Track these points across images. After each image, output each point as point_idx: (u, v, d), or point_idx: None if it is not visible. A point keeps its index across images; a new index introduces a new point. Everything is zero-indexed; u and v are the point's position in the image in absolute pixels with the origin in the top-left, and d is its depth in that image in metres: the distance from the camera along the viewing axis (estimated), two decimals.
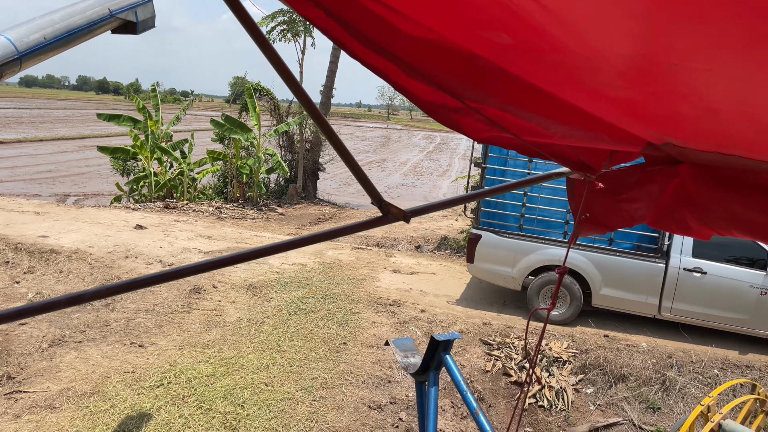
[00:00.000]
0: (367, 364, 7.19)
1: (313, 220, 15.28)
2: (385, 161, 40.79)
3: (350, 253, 11.45)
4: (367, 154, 45.24)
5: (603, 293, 8.26)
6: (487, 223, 8.73)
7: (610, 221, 1.97)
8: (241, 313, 8.35)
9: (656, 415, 6.71)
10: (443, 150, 54.46)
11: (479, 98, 1.47)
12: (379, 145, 56.66)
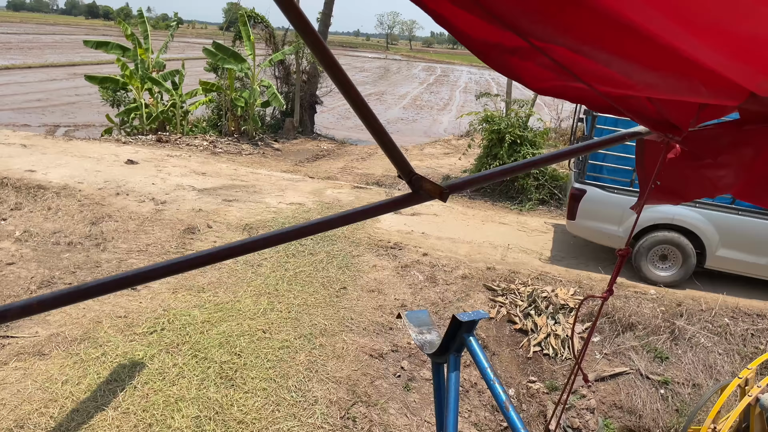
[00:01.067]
0: (367, 310, 6.98)
1: (311, 156, 14.82)
2: (384, 94, 39.77)
3: (350, 193, 11.09)
4: (366, 86, 44.07)
5: (720, 255, 7.60)
6: (593, 177, 8.02)
7: (686, 191, 1.60)
8: None
9: (664, 364, 6.56)
10: (444, 83, 53.17)
11: (548, 35, 1.08)
12: (377, 76, 55.23)
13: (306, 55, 16.59)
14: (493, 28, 1.11)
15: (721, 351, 6.66)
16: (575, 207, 7.97)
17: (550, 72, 1.21)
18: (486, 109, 11.39)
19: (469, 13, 1.08)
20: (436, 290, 7.53)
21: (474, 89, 48.62)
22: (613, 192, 7.88)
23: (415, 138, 23.07)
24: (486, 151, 11.24)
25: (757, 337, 6.81)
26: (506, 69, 1.21)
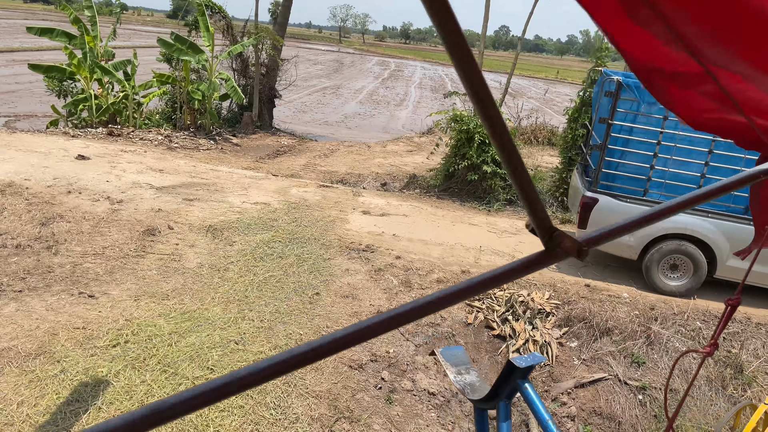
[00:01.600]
0: (343, 317, 6.72)
1: (272, 152, 14.39)
2: (339, 88, 39.34)
3: (316, 192, 10.77)
4: (321, 79, 43.53)
5: (730, 264, 7.54)
6: (606, 186, 7.81)
7: None
8: (201, 258, 7.67)
9: (641, 369, 6.57)
10: (398, 78, 53.08)
11: (727, 59, 0.90)
12: (332, 69, 54.66)
13: (266, 48, 16.08)
14: (659, 50, 0.91)
15: (695, 355, 6.73)
16: (587, 216, 7.75)
17: (711, 102, 1.03)
18: (454, 109, 11.26)
19: (642, 31, 0.87)
20: (411, 295, 7.34)
21: (428, 85, 48.70)
22: (627, 201, 7.73)
23: (373, 134, 22.85)
24: (454, 150, 11.11)
25: (729, 340, 6.91)
26: (663, 97, 1.02)
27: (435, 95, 40.28)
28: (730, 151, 7.27)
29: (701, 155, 7.46)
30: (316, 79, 42.55)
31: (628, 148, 7.78)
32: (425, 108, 32.71)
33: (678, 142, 7.48)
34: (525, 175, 0.92)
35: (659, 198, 7.65)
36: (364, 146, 16.11)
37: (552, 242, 1.02)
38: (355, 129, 24.33)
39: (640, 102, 7.56)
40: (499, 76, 55.60)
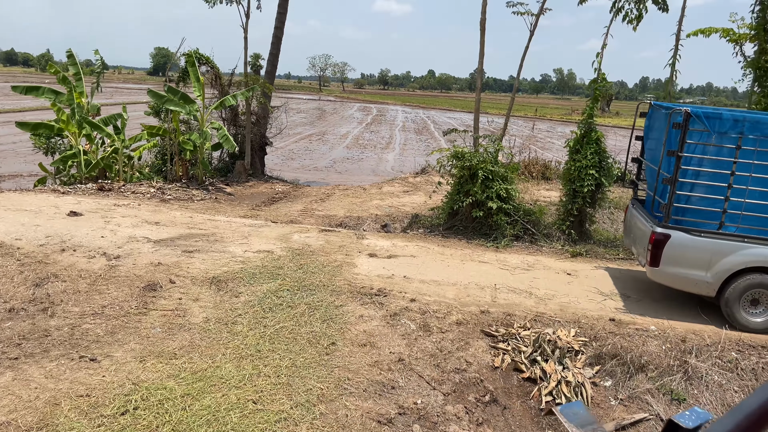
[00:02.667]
0: (363, 368, 6.32)
1: (267, 199, 14.10)
2: (325, 134, 39.50)
3: (318, 236, 10.45)
4: (305, 127, 43.76)
5: None
6: (677, 220, 7.47)
7: None
8: (207, 312, 7.26)
9: (682, 406, 6.21)
10: (381, 122, 53.56)
11: None
12: (315, 117, 55.12)
13: (256, 96, 15.98)
14: None
15: (736, 388, 6.40)
16: (659, 253, 7.43)
17: None
18: (455, 146, 11.11)
19: None
20: (431, 340, 6.97)
21: (412, 128, 49.16)
22: (700, 236, 7.41)
23: (363, 177, 22.72)
24: (457, 187, 10.91)
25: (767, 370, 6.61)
26: None
27: (420, 137, 40.57)
28: None
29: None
30: (300, 127, 42.74)
31: (699, 180, 7.42)
32: (412, 150, 32.84)
33: (754, 171, 7.18)
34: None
35: (736, 231, 7.32)
36: (359, 189, 15.90)
37: None
38: (345, 173, 24.21)
39: (710, 132, 7.23)
40: (482, 116, 56.29)
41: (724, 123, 7.16)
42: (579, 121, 11.20)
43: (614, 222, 13.15)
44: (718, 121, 7.16)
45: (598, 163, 10.75)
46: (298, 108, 63.93)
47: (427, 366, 6.50)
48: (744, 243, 7.25)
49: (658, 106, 8.56)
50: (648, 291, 8.73)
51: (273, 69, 17.52)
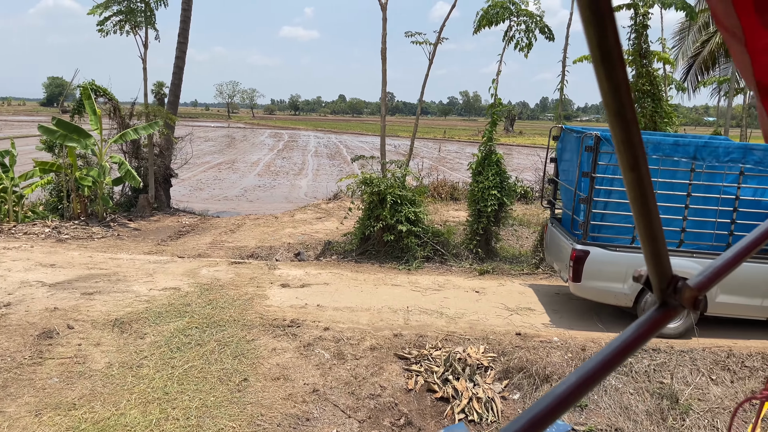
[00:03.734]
0: (277, 402, 6.24)
1: (174, 233, 13.64)
2: (235, 162, 38.77)
3: (228, 269, 10.23)
4: (214, 155, 42.77)
5: (719, 301, 7.79)
6: (594, 237, 7.91)
7: None
8: (110, 356, 6.92)
9: (585, 413, 6.55)
10: (294, 148, 53.30)
11: None
12: (225, 145, 54.03)
13: (159, 127, 15.53)
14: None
15: (632, 391, 6.83)
16: (580, 269, 7.80)
17: None
18: (363, 172, 11.28)
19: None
20: (346, 367, 6.98)
21: (324, 153, 49.26)
22: (616, 250, 7.86)
23: (276, 204, 22.48)
24: (367, 213, 11.06)
25: (659, 372, 7.10)
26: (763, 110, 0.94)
27: (333, 162, 40.72)
28: (708, 192, 7.75)
29: (680, 199, 7.77)
30: (209, 156, 41.75)
31: (612, 198, 7.94)
32: (325, 175, 32.88)
33: (659, 188, 7.74)
34: (658, 219, 0.77)
35: None
36: (271, 217, 15.73)
37: (676, 295, 0.86)
38: (256, 201, 23.85)
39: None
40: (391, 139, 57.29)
41: None
42: (480, 143, 11.70)
43: (519, 238, 13.74)
44: None
45: (500, 183, 11.24)
46: (206, 136, 62.52)
47: (342, 394, 6.50)
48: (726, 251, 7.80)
49: (570, 130, 9.15)
50: (550, 304, 9.17)
51: (176, 99, 17.11)
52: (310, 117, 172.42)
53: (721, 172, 7.70)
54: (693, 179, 7.70)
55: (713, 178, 7.74)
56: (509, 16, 11.40)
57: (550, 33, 11.78)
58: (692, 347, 7.58)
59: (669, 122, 12.28)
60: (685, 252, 7.81)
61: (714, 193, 7.77)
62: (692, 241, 7.85)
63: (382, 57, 11.87)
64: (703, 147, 7.74)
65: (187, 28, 16.92)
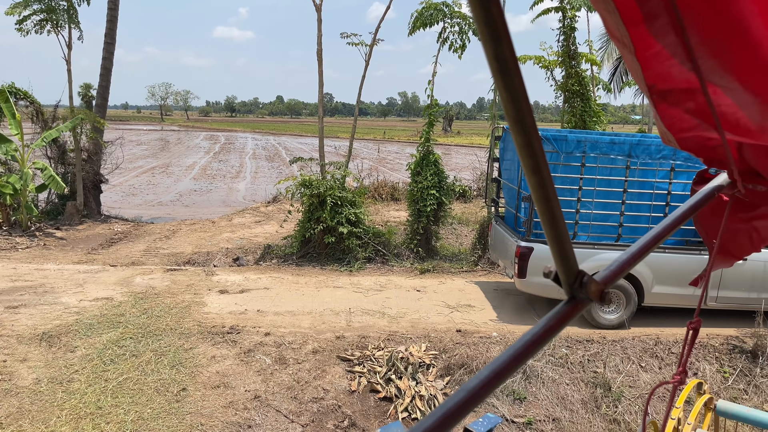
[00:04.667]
0: (218, 411, 6.10)
1: (105, 241, 13.12)
2: (169, 166, 37.66)
3: (163, 277, 9.93)
4: (147, 159, 41.43)
5: (655, 291, 8.12)
6: (537, 234, 8.06)
7: (738, 247, 1.46)
8: (38, 372, 6.59)
9: (524, 405, 6.73)
10: (231, 150, 52.28)
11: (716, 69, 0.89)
12: (158, 148, 52.40)
13: (86, 131, 14.89)
14: (664, 63, 0.87)
15: (567, 381, 7.06)
16: (524, 265, 7.97)
17: (693, 120, 1.00)
18: (302, 174, 11.19)
19: (656, 43, 0.83)
20: (288, 372, 6.91)
21: (263, 155, 48.55)
22: None
23: (214, 209, 21.99)
24: (307, 215, 10.97)
25: (593, 361, 7.38)
26: (655, 112, 0.98)
27: (272, 164, 40.20)
28: (642, 188, 8.09)
29: (617, 195, 8.08)
30: (142, 160, 40.41)
31: None
32: (264, 177, 32.42)
33: (597, 185, 8.05)
34: (562, 219, 0.81)
35: (587, 239, 8.16)
36: (208, 222, 15.37)
37: (582, 289, 0.91)
38: (192, 206, 23.24)
39: (558, 152, 8.01)
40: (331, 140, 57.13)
41: (569, 144, 8.04)
42: (418, 144, 11.82)
43: (458, 237, 13.97)
44: (564, 142, 8.03)
45: (438, 183, 11.40)
46: (138, 140, 60.50)
47: (285, 399, 6.42)
48: (595, 250, 8.13)
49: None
50: (490, 300, 9.37)
51: (104, 101, 16.45)
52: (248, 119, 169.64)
53: (653, 169, 8.08)
54: (628, 176, 8.06)
55: (646, 174, 8.12)
56: (443, 17, 11.57)
57: None
58: (623, 337, 7.92)
59: (598, 121, 12.77)
60: (622, 246, 8.16)
61: (647, 189, 8.15)
62: (629, 235, 8.20)
63: (318, 58, 11.81)
64: (636, 145, 8.11)
65: (114, 28, 16.31)
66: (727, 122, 1.01)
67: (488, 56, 0.50)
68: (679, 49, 0.82)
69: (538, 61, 14.03)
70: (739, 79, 0.90)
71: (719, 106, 0.97)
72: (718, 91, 0.93)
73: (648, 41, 0.82)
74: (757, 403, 7.12)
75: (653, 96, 0.95)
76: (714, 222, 1.41)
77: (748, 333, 8.02)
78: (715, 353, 7.72)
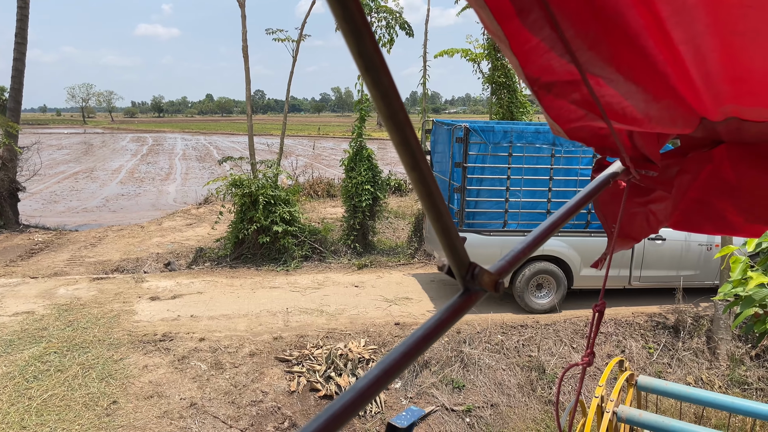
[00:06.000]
0: (151, 422, 5.90)
1: (24, 252, 12.42)
2: (93, 170, 36.06)
3: (89, 287, 9.50)
4: (69, 164, 39.53)
5: (582, 274, 8.37)
6: (469, 224, 8.21)
7: (636, 230, 1.52)
8: None
9: (462, 393, 6.85)
10: (159, 152, 50.60)
11: (594, 61, 0.91)
12: (81, 152, 50.07)
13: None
14: (543, 56, 0.88)
15: (504, 367, 7.24)
16: None
17: (579, 111, 1.02)
18: (232, 174, 10.93)
19: (532, 37, 0.83)
20: (225, 377, 6.75)
21: (193, 155, 47.23)
22: (490, 235, 8.26)
23: (143, 213, 21.24)
24: (240, 215, 10.74)
25: (527, 346, 7.59)
26: (541, 105, 0.99)
27: (203, 164, 39.17)
28: (567, 175, 8.33)
29: (544, 182, 8.27)
30: (63, 165, 38.53)
31: (483, 186, 8.31)
32: (195, 179, 31.56)
33: (524, 174, 8.22)
34: (447, 212, 0.80)
35: (517, 227, 8.35)
36: (136, 227, 14.81)
37: (474, 281, 0.91)
38: (120, 211, 22.36)
39: (486, 143, 8.13)
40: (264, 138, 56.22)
41: (497, 135, 8.20)
42: (351, 140, 11.79)
43: (395, 230, 14.04)
44: (491, 133, 8.18)
45: (372, 178, 11.41)
46: (59, 144, 57.65)
47: (222, 404, 6.28)
48: (525, 237, 8.25)
49: (440, 123, 9.48)
50: (427, 291, 9.47)
51: (17, 105, 15.53)
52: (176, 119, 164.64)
53: (577, 156, 8.36)
54: (554, 164, 8.31)
55: (571, 162, 8.40)
56: (369, 12, 11.56)
57: (409, 29, 12.11)
58: (555, 320, 8.19)
59: (524, 111, 13.12)
60: None
61: (572, 176, 8.42)
62: None
63: (243, 55, 11.56)
64: None
65: (25, 27, 15.43)
66: (613, 112, 1.03)
67: (353, 54, 0.48)
68: (556, 42, 0.82)
69: (465, 54, 14.28)
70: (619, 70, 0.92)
71: (603, 96, 0.99)
72: (601, 82, 0.95)
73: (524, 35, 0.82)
74: (681, 376, 7.52)
75: (536, 89, 0.96)
76: (613, 208, 1.45)
77: (669, 309, 8.45)
78: (641, 330, 8.10)
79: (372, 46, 0.48)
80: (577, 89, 0.96)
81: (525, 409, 6.81)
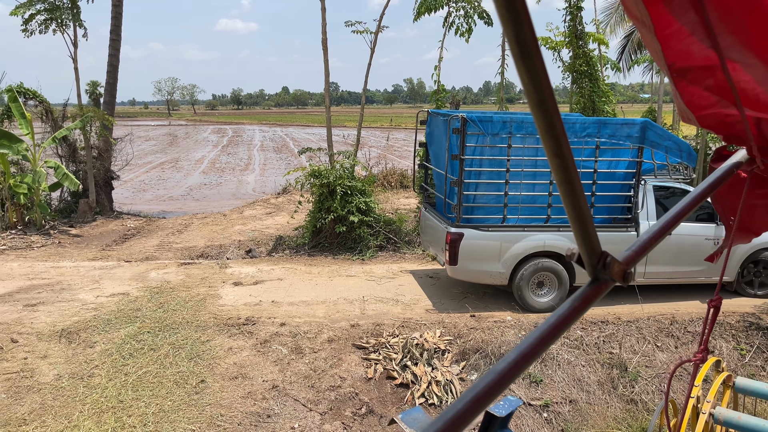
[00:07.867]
0: (236, 401, 6.18)
1: (119, 237, 13.23)
2: (178, 161, 37.83)
3: (177, 271, 10.01)
4: (156, 155, 41.62)
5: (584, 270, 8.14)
6: (467, 219, 7.96)
7: (756, 223, 1.46)
8: (59, 368, 6.69)
9: (540, 388, 6.75)
10: (239, 143, 52.39)
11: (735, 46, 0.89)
12: (167, 143, 52.61)
13: (95, 129, 14.97)
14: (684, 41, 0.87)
15: (583, 363, 7.07)
16: (455, 251, 7.85)
17: (712, 97, 1.00)
18: (311, 164, 11.20)
19: (675, 21, 0.82)
20: (304, 361, 6.97)
21: (270, 147, 48.62)
22: (488, 230, 7.99)
23: (224, 202, 22.11)
24: (318, 205, 11.00)
25: (608, 342, 7.38)
26: (674, 91, 0.98)
27: (280, 155, 40.26)
28: None
29: (545, 175, 7.90)
30: (151, 155, 40.61)
31: (481, 179, 8.03)
32: (273, 169, 32.50)
33: (525, 166, 7.89)
34: (584, 200, 0.81)
35: (517, 222, 8.00)
36: (219, 215, 15.45)
37: (605, 270, 0.92)
38: (203, 200, 23.37)
39: (484, 134, 7.81)
40: (339, 129, 57.01)
41: (495, 125, 7.80)
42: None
43: None
44: (489, 123, 7.81)
45: None
46: (146, 135, 60.77)
47: (302, 388, 6.49)
48: (525, 232, 8.05)
49: (435, 113, 9.19)
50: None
51: (112, 98, 16.52)
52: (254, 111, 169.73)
53: (579, 147, 7.87)
54: None
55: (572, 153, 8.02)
56: (448, 2, 11.49)
57: (488, 18, 11.94)
58: (638, 317, 7.91)
59: (606, 101, 12.67)
60: (551, 227, 8.07)
61: None
62: (558, 216, 8.03)
63: (323, 47, 11.78)
64: None
65: (119, 25, 16.33)
66: (747, 98, 1.01)
67: (509, 40, 0.51)
68: (699, 26, 0.81)
69: (544, 43, 13.91)
70: (758, 54, 0.90)
71: (738, 82, 0.97)
72: (738, 68, 0.93)
73: (667, 20, 0.82)
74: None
75: (673, 74, 0.95)
76: (732, 199, 1.40)
77: (764, 309, 7.98)
78: (732, 331, 7.69)
79: (530, 34, 0.51)
80: (711, 75, 0.95)
81: (605, 407, 6.64)
